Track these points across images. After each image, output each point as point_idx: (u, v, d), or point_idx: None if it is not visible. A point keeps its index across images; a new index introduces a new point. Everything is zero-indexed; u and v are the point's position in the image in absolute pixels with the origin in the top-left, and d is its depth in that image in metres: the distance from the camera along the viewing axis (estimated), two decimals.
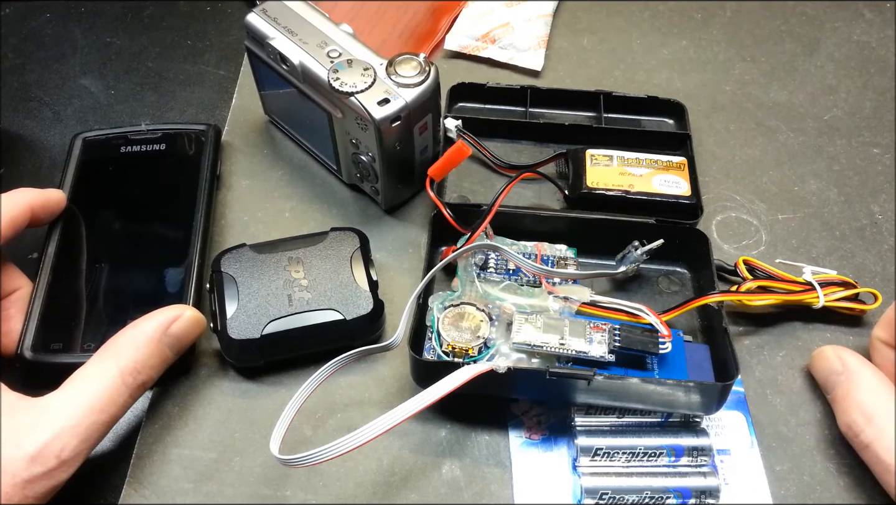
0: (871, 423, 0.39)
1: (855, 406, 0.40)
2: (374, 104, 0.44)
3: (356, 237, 0.46)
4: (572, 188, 0.49)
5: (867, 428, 0.39)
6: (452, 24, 0.61)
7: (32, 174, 0.53)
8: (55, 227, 0.46)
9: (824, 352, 0.43)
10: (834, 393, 0.42)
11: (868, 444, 0.39)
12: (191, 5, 0.64)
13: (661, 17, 0.63)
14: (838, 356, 0.42)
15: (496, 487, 0.40)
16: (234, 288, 0.43)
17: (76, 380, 0.37)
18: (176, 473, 0.40)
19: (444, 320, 0.42)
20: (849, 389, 0.40)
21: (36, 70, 0.59)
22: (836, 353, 0.42)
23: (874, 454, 0.38)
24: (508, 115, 0.54)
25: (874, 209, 0.51)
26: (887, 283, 0.48)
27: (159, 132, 0.51)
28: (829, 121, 0.56)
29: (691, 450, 0.40)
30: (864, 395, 0.40)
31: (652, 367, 0.41)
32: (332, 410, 0.43)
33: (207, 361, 0.44)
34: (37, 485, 0.34)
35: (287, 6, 0.49)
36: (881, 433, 0.38)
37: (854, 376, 0.41)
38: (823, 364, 0.43)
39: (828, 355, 0.43)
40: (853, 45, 0.61)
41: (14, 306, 0.43)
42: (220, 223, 0.50)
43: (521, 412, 0.42)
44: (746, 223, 0.51)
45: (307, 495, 0.40)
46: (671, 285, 0.47)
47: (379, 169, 0.47)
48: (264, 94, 0.54)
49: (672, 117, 0.54)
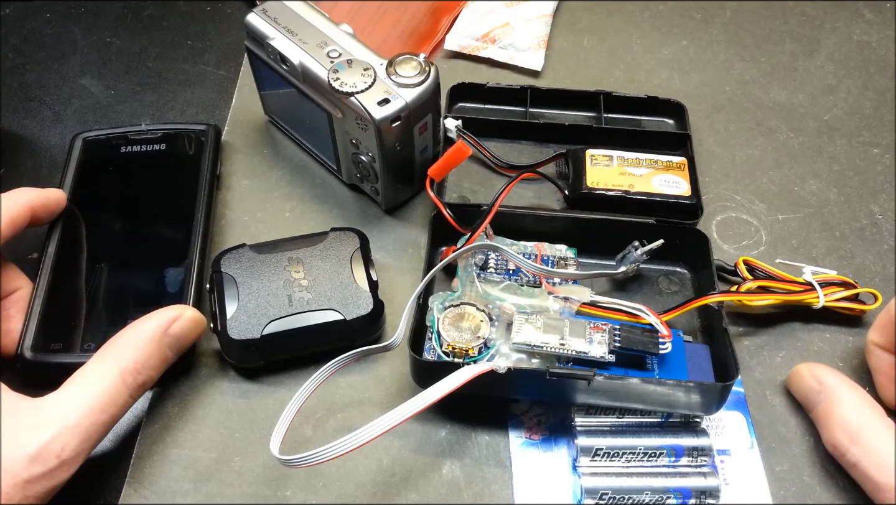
0: (856, 442, 0.38)
1: (837, 425, 0.39)
2: (374, 104, 0.44)
3: (356, 237, 0.46)
4: (572, 188, 0.49)
5: (852, 447, 0.38)
6: (452, 24, 0.61)
7: (32, 174, 0.53)
8: (55, 227, 0.46)
9: (799, 371, 0.42)
10: (815, 412, 0.41)
11: (855, 463, 0.38)
12: (191, 5, 0.64)
13: (661, 17, 0.63)
14: (813, 375, 0.41)
15: (496, 487, 0.40)
16: (234, 288, 0.43)
17: (76, 380, 0.37)
18: (176, 473, 0.40)
19: (444, 320, 0.42)
20: (829, 408, 0.40)
21: (36, 70, 0.59)
22: (810, 371, 0.42)
23: (862, 473, 0.38)
24: (508, 115, 0.54)
25: (874, 209, 0.51)
26: (887, 283, 0.48)
27: (159, 132, 0.51)
28: (829, 121, 0.56)
29: (691, 450, 0.40)
30: (845, 412, 0.39)
31: (652, 367, 0.41)
32: (332, 410, 0.43)
33: (207, 361, 0.44)
34: (37, 485, 0.34)
35: (287, 6, 0.49)
36: (868, 451, 0.38)
37: (833, 394, 0.40)
38: (800, 384, 0.42)
39: (803, 375, 0.42)
40: (853, 45, 0.61)
41: (14, 306, 0.43)
42: (220, 223, 0.50)
43: (521, 412, 0.42)
44: (746, 223, 0.51)
45: (307, 495, 0.40)
46: (671, 285, 0.47)
47: (379, 169, 0.47)
48: (264, 94, 0.54)
49: (672, 117, 0.54)
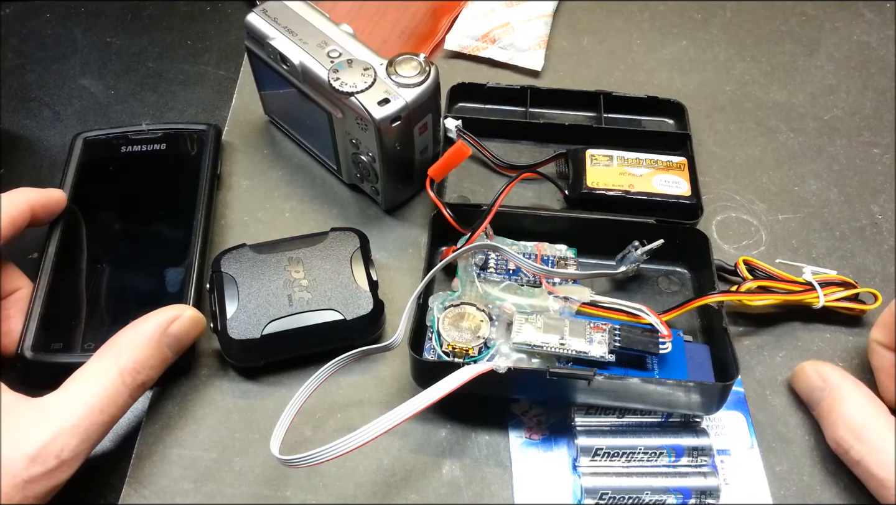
0: (861, 439, 0.38)
1: (841, 422, 0.39)
2: (374, 104, 0.44)
3: (356, 237, 0.46)
4: (572, 188, 0.49)
5: (856, 444, 0.38)
6: (452, 24, 0.61)
7: (32, 174, 0.53)
8: (55, 227, 0.46)
9: (804, 369, 0.42)
10: (818, 409, 0.41)
11: (859, 460, 0.38)
12: (191, 5, 0.64)
13: (661, 17, 0.63)
14: (818, 372, 0.41)
15: (496, 487, 0.40)
16: (234, 288, 0.43)
17: (76, 380, 0.37)
18: (176, 473, 0.40)
19: (444, 320, 0.42)
20: (833, 404, 0.40)
21: (36, 70, 0.59)
22: (815, 368, 0.42)
23: (866, 469, 0.38)
24: (508, 115, 0.54)
25: (874, 209, 0.51)
26: (887, 283, 0.48)
27: (160, 132, 0.51)
28: (829, 121, 0.56)
29: (691, 450, 0.40)
30: (850, 410, 0.39)
31: (652, 367, 0.41)
32: (332, 410, 0.43)
33: (207, 361, 0.44)
34: (37, 485, 0.34)
35: (287, 6, 0.49)
36: (871, 448, 0.38)
37: (837, 392, 0.40)
38: (804, 381, 0.42)
39: (807, 372, 0.42)
40: (853, 45, 0.61)
41: (14, 306, 0.43)
42: (220, 223, 0.50)
43: (521, 412, 0.42)
44: (746, 223, 0.51)
45: (307, 495, 0.40)
46: (671, 285, 0.47)
47: (379, 169, 0.47)
48: (264, 94, 0.54)
49: (672, 117, 0.54)
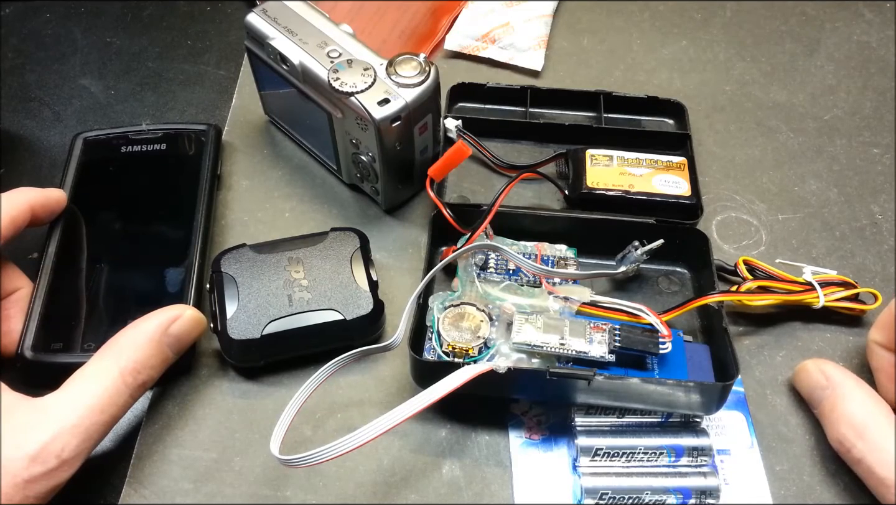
0: (863, 437, 0.38)
1: (843, 420, 0.39)
2: (374, 104, 0.44)
3: (356, 237, 0.46)
4: (572, 188, 0.49)
5: (858, 442, 0.38)
6: (452, 24, 0.61)
7: (32, 174, 0.53)
8: (55, 227, 0.46)
9: (806, 367, 0.42)
10: (820, 407, 0.41)
11: (860, 458, 0.38)
12: (191, 5, 0.64)
13: (661, 17, 0.63)
14: (821, 370, 0.41)
15: (496, 487, 0.40)
16: (234, 288, 0.43)
17: (76, 380, 0.37)
18: (176, 473, 0.40)
19: (444, 320, 0.42)
20: (835, 402, 0.40)
21: (36, 70, 0.59)
22: (818, 366, 0.42)
23: (867, 468, 0.38)
24: (508, 115, 0.54)
25: (874, 209, 0.51)
26: (887, 283, 0.48)
27: (160, 132, 0.51)
28: (829, 121, 0.56)
29: (691, 450, 0.40)
30: (852, 408, 0.39)
31: (652, 367, 0.41)
32: (332, 410, 0.43)
33: (207, 361, 0.44)
34: (37, 485, 0.34)
35: (287, 6, 0.49)
36: (873, 447, 0.38)
37: (839, 390, 0.40)
38: (806, 379, 0.42)
39: (810, 370, 0.42)
40: (853, 45, 0.61)
41: (14, 306, 0.43)
42: (220, 223, 0.50)
43: (521, 412, 0.42)
44: (746, 223, 0.51)
45: (307, 495, 0.40)
46: (671, 285, 0.47)
47: (379, 169, 0.47)
48: (264, 94, 0.54)
49: (672, 117, 0.54)
